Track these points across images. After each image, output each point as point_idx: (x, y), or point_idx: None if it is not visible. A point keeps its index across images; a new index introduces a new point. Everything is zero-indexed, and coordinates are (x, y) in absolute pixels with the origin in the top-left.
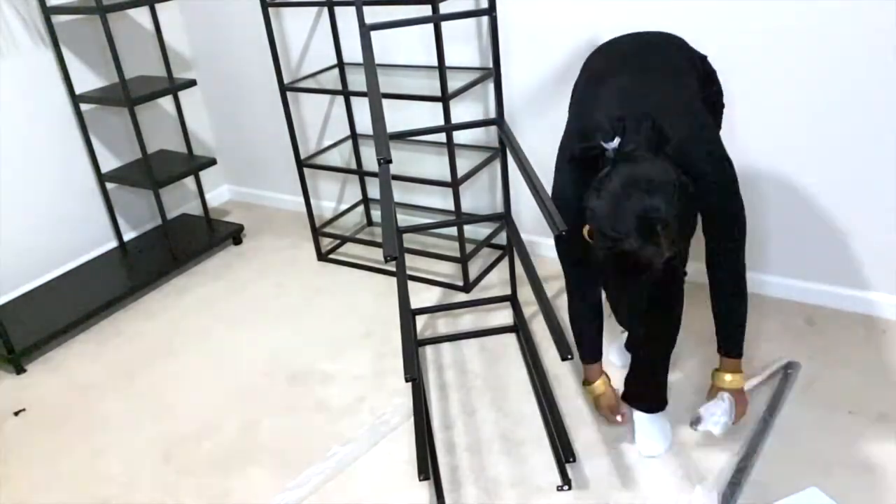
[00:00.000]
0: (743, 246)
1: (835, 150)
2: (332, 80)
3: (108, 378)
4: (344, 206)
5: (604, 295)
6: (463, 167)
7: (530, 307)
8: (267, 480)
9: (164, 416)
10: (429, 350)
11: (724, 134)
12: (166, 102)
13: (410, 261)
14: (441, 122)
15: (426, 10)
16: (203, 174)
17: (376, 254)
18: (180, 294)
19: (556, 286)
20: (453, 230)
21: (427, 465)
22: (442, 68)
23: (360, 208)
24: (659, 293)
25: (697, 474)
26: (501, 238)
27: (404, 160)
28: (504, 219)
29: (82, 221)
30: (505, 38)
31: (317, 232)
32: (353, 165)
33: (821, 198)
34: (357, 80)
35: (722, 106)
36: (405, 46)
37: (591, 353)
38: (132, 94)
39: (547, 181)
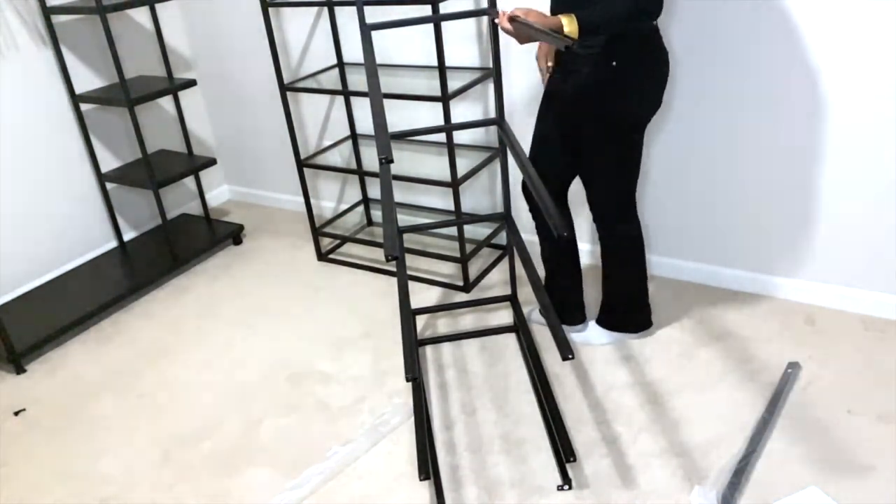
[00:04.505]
0: None
1: (835, 151)
2: (332, 80)
3: (108, 378)
4: (344, 206)
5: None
6: (463, 167)
7: (530, 307)
8: (267, 480)
9: (164, 416)
10: (429, 350)
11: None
12: (166, 102)
13: (410, 261)
14: (441, 122)
15: (426, 10)
16: (203, 174)
17: (376, 254)
18: (180, 294)
19: None
20: (453, 230)
21: (427, 464)
22: (442, 68)
23: (360, 208)
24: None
25: (697, 474)
26: (501, 238)
27: (405, 160)
28: (504, 219)
29: (82, 221)
30: (505, 38)
31: (317, 232)
32: (353, 165)
33: (821, 198)
34: (357, 80)
35: None
36: (405, 46)
37: None
38: (132, 94)
39: None
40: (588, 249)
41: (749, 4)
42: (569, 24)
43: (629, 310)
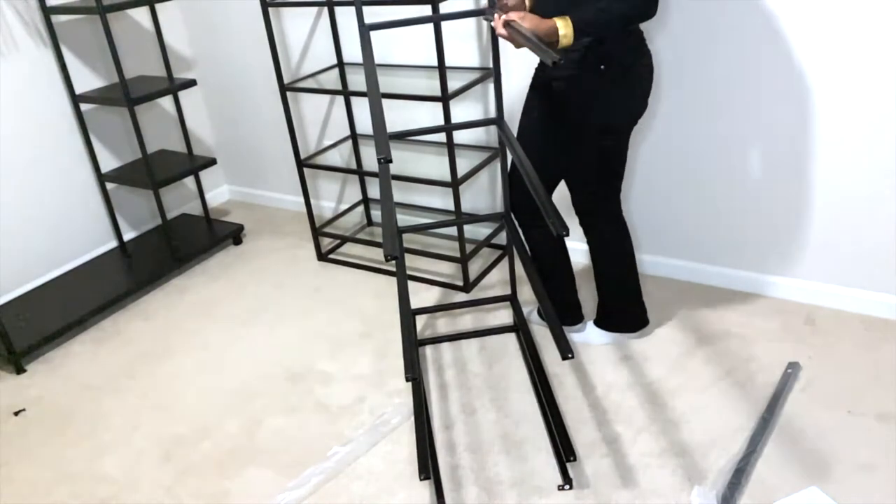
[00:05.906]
0: None
1: (835, 150)
2: (332, 80)
3: (108, 378)
4: (344, 206)
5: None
6: (463, 167)
7: (530, 307)
8: (267, 480)
9: (164, 416)
10: (429, 350)
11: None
12: (166, 102)
13: (410, 261)
14: (441, 122)
15: (426, 10)
16: (203, 174)
17: (376, 254)
18: (180, 294)
19: None
20: (453, 230)
21: (427, 464)
22: (442, 68)
23: (360, 208)
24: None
25: (697, 474)
26: (501, 238)
27: (404, 160)
28: (504, 219)
29: (82, 221)
30: None
31: (317, 232)
32: (353, 165)
33: (821, 198)
34: (357, 80)
35: None
36: (405, 46)
37: None
38: (132, 94)
39: None
40: (585, 249)
41: (737, 8)
42: (564, 27)
43: (624, 309)
